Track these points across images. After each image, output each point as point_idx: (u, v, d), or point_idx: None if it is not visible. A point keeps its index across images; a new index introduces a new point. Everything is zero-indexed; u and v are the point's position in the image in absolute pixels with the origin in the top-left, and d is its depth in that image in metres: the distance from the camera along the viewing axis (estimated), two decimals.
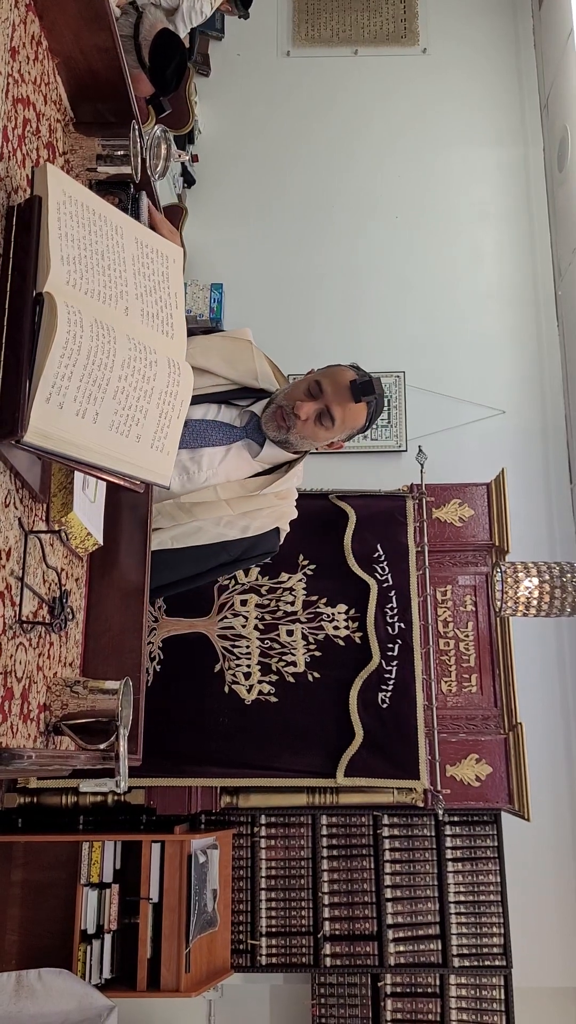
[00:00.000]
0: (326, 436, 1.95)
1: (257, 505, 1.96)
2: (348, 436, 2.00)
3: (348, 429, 1.96)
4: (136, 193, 1.55)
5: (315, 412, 1.90)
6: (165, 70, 2.82)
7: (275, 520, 2.00)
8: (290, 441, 1.95)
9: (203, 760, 3.10)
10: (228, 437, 1.98)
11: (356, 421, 1.95)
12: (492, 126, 5.24)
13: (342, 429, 1.94)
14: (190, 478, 1.94)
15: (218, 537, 1.94)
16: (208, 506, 1.92)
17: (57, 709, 1.31)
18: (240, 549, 1.99)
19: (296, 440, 1.95)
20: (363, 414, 1.94)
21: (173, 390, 1.26)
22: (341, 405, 1.90)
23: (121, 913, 3.18)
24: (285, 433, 1.93)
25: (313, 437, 1.94)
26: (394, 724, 3.15)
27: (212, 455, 1.95)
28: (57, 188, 1.15)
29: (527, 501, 4.41)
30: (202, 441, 1.96)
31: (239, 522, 1.94)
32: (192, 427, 1.94)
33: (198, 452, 1.95)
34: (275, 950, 3.48)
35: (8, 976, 2.92)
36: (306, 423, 1.90)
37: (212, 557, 1.97)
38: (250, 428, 2.00)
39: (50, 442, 1.09)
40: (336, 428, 1.93)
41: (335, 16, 5.43)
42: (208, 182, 5.14)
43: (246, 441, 1.99)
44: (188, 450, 1.94)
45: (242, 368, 2.02)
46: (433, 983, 3.46)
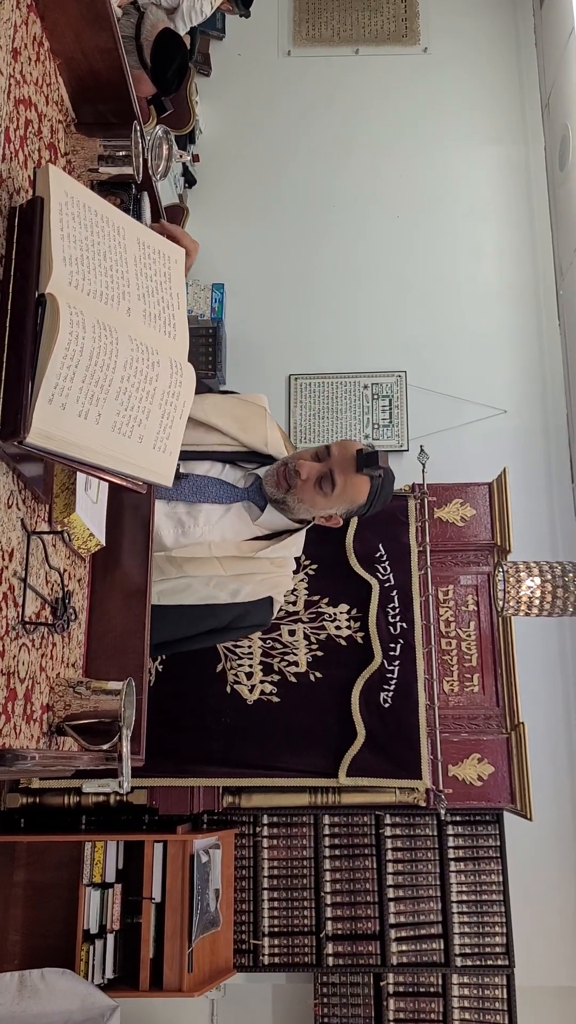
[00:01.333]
0: (324, 504, 1.86)
1: (250, 569, 1.86)
2: (347, 511, 1.91)
3: (347, 501, 1.87)
4: (138, 194, 1.55)
5: (317, 473, 1.84)
6: (167, 70, 2.81)
7: (268, 588, 1.90)
8: (288, 503, 1.88)
9: (205, 760, 3.10)
10: (229, 496, 1.91)
11: (357, 494, 1.86)
12: (493, 125, 5.24)
13: (341, 499, 1.86)
14: (185, 532, 1.86)
15: (207, 598, 1.84)
16: (200, 563, 1.83)
17: (60, 710, 1.31)
18: (229, 616, 1.89)
19: (293, 503, 1.87)
20: (365, 489, 1.86)
21: (175, 391, 1.26)
22: (344, 473, 1.84)
23: (124, 913, 3.19)
24: (283, 493, 1.87)
25: (311, 502, 1.86)
26: (396, 724, 3.15)
27: (210, 512, 1.89)
28: (59, 189, 1.15)
29: (529, 500, 4.40)
30: (202, 496, 1.89)
31: (230, 584, 1.84)
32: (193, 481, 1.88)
33: (196, 507, 1.88)
34: (277, 950, 3.48)
35: (11, 976, 2.93)
36: (306, 484, 1.84)
37: (200, 621, 1.87)
38: (252, 490, 1.93)
39: (52, 443, 1.09)
40: (335, 497, 1.85)
41: (336, 15, 5.43)
42: (209, 182, 5.14)
43: (247, 503, 1.92)
44: (186, 504, 1.87)
45: (253, 432, 1.96)
46: (435, 982, 3.46)
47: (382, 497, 1.91)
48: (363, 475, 1.84)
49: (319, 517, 1.91)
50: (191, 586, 1.83)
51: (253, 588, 1.87)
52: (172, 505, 1.86)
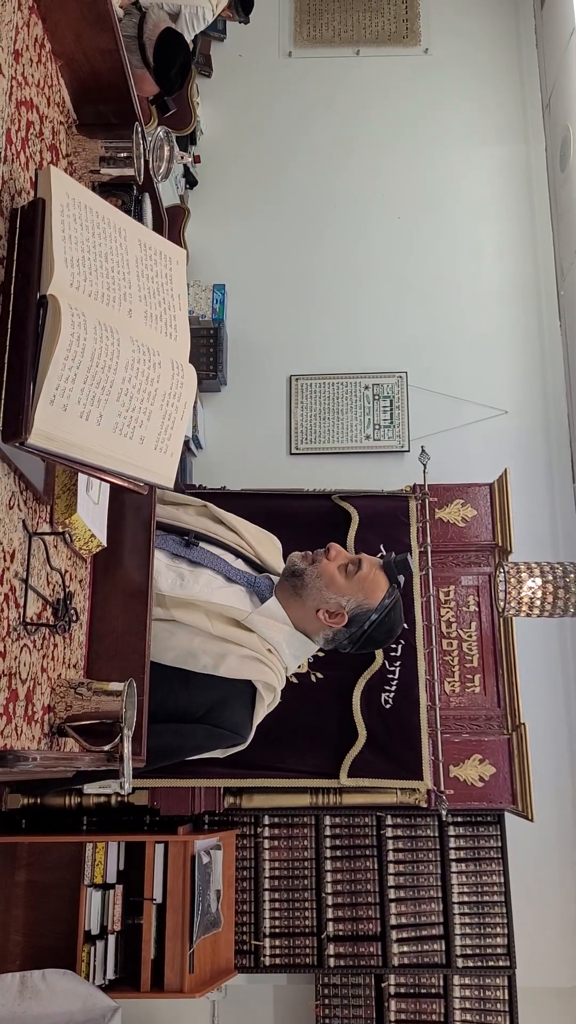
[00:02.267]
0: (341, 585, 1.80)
1: (239, 638, 1.75)
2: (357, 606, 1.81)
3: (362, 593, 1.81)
4: (139, 195, 1.55)
5: (345, 558, 1.83)
6: (169, 70, 2.81)
7: (252, 671, 1.76)
8: (305, 576, 1.81)
9: (206, 760, 3.09)
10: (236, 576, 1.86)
11: (374, 589, 1.81)
12: (494, 126, 5.24)
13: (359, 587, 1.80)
14: (183, 585, 1.78)
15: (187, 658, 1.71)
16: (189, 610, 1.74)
17: (61, 711, 1.31)
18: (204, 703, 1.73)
19: (311, 577, 1.81)
20: (383, 588, 1.82)
21: (177, 392, 1.26)
22: (371, 565, 1.83)
23: (125, 914, 3.18)
24: (307, 564, 1.83)
25: (330, 579, 1.80)
26: (397, 725, 3.15)
27: (213, 578, 1.82)
28: (60, 190, 1.16)
29: (530, 501, 4.40)
30: (210, 564, 1.84)
31: (213, 647, 1.72)
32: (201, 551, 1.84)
33: (200, 569, 1.82)
34: (279, 951, 3.48)
35: (12, 977, 2.93)
36: (331, 563, 1.81)
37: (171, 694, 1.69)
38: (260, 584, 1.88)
39: (54, 444, 1.10)
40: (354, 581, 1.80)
41: (337, 16, 5.43)
42: (210, 183, 5.14)
43: (251, 590, 1.86)
44: (190, 564, 1.82)
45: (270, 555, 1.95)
46: (437, 983, 3.46)
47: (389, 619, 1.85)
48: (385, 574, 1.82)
49: (324, 611, 1.82)
50: (175, 634, 1.72)
51: (237, 663, 1.74)
52: (176, 561, 1.82)
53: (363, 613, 1.82)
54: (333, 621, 1.82)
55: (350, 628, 1.83)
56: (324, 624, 1.83)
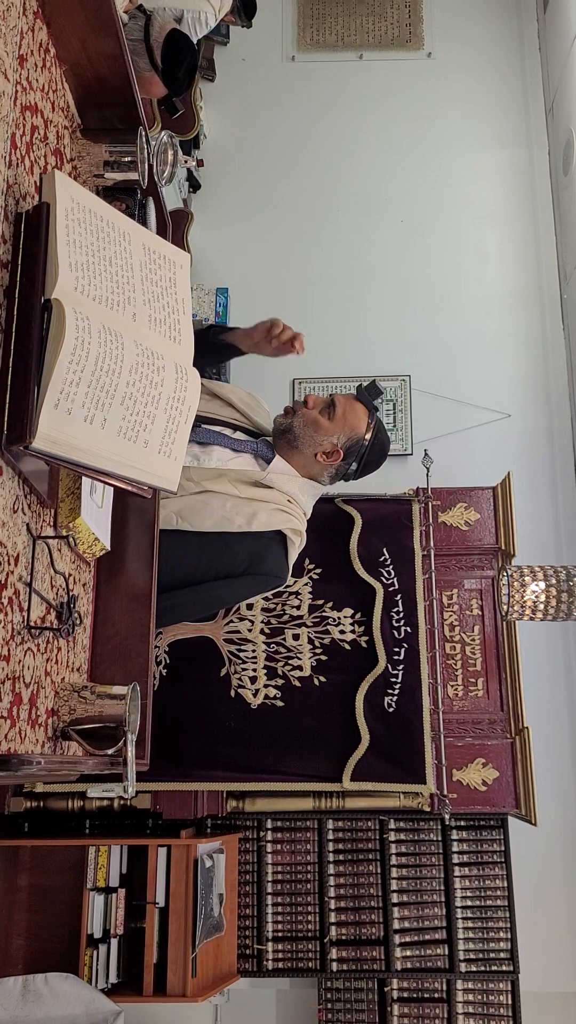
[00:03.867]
0: (327, 426, 2.02)
1: (263, 496, 1.98)
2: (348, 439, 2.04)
3: (348, 428, 2.04)
4: (143, 199, 1.55)
5: (322, 402, 2.05)
6: (177, 70, 2.81)
7: (282, 521, 2.00)
8: (294, 429, 2.03)
9: (209, 764, 3.10)
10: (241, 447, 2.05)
11: (356, 420, 2.04)
12: (497, 130, 5.24)
13: (342, 424, 2.03)
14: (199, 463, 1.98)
15: (223, 522, 1.92)
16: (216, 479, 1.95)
17: (65, 714, 1.31)
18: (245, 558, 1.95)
19: (299, 428, 2.02)
20: (363, 416, 2.05)
21: (181, 395, 1.26)
22: (345, 400, 2.06)
23: (127, 918, 3.18)
24: (290, 418, 2.04)
25: (315, 424, 2.02)
26: (400, 728, 3.14)
27: (222, 453, 2.02)
28: (65, 195, 1.16)
29: (533, 504, 4.40)
30: (216, 442, 2.03)
31: (244, 508, 1.94)
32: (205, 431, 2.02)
33: (209, 447, 2.01)
34: (281, 955, 3.47)
35: (15, 981, 2.93)
36: (311, 409, 2.03)
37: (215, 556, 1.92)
38: (261, 447, 2.07)
39: (58, 448, 1.10)
40: (337, 419, 2.03)
41: (340, 21, 5.44)
42: (213, 187, 5.15)
43: (256, 457, 2.06)
44: (199, 444, 2.00)
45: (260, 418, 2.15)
46: (440, 988, 3.45)
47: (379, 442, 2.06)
48: (361, 403, 2.05)
49: (321, 454, 2.03)
50: (209, 503, 1.92)
51: (267, 517, 1.96)
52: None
53: (355, 443, 2.04)
54: (331, 460, 2.05)
55: (348, 460, 2.06)
56: (325, 464, 2.05)
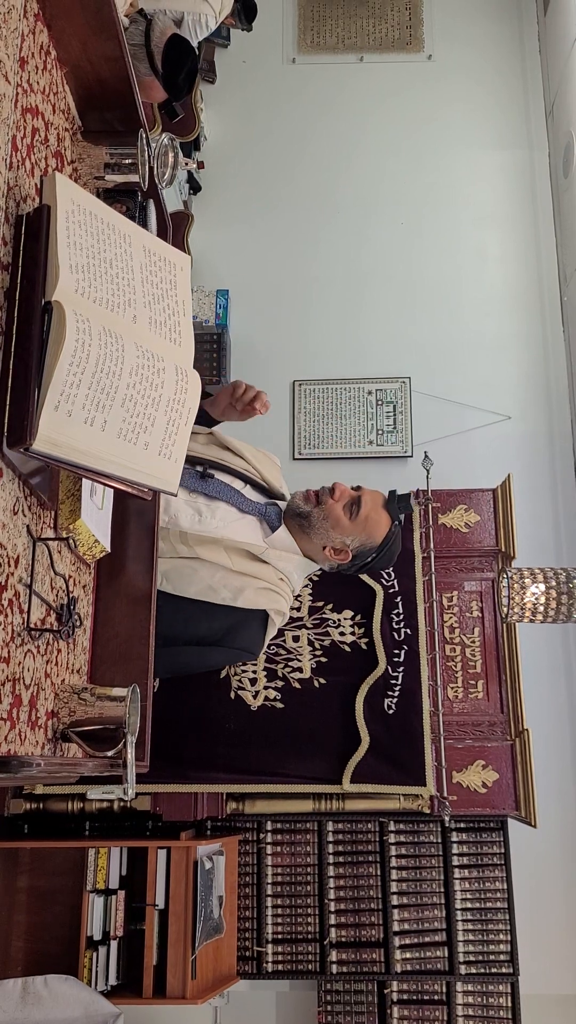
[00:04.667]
0: (346, 526, 1.96)
1: (256, 571, 1.91)
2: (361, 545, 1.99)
3: (365, 534, 1.98)
4: (143, 201, 1.55)
5: (349, 497, 1.97)
6: (178, 75, 2.81)
7: (267, 601, 1.94)
8: (312, 518, 1.97)
9: (209, 766, 3.09)
10: (248, 508, 2.00)
11: (376, 528, 1.99)
12: (497, 132, 5.25)
13: (362, 527, 1.97)
14: (201, 521, 1.92)
15: (208, 592, 1.88)
16: (211, 547, 1.89)
17: (65, 716, 1.31)
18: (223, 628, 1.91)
19: (318, 519, 1.97)
20: (385, 527, 1.99)
21: (181, 397, 1.26)
22: (372, 503, 1.98)
23: (127, 919, 3.18)
24: (312, 507, 1.97)
25: (335, 520, 1.96)
26: (400, 730, 3.14)
27: (227, 511, 1.96)
28: (66, 197, 1.16)
29: (533, 506, 4.40)
30: (224, 497, 1.97)
31: (233, 582, 1.89)
32: (216, 483, 1.97)
33: (215, 503, 1.95)
34: (281, 957, 3.47)
35: (14, 983, 2.92)
36: (336, 503, 1.96)
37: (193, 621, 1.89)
38: (269, 512, 2.02)
39: (58, 450, 1.10)
40: (358, 521, 1.96)
41: (340, 23, 5.45)
42: (214, 189, 5.16)
43: (261, 520, 2.01)
44: (207, 498, 1.95)
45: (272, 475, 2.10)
46: (440, 990, 3.44)
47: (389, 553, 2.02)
48: (387, 512, 1.99)
49: (330, 548, 1.98)
50: (197, 571, 1.88)
51: (254, 594, 1.91)
52: (193, 496, 1.94)
53: (366, 550, 2.00)
54: (338, 558, 2.01)
55: (354, 562, 2.02)
56: (330, 557, 2.01)
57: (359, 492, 1.99)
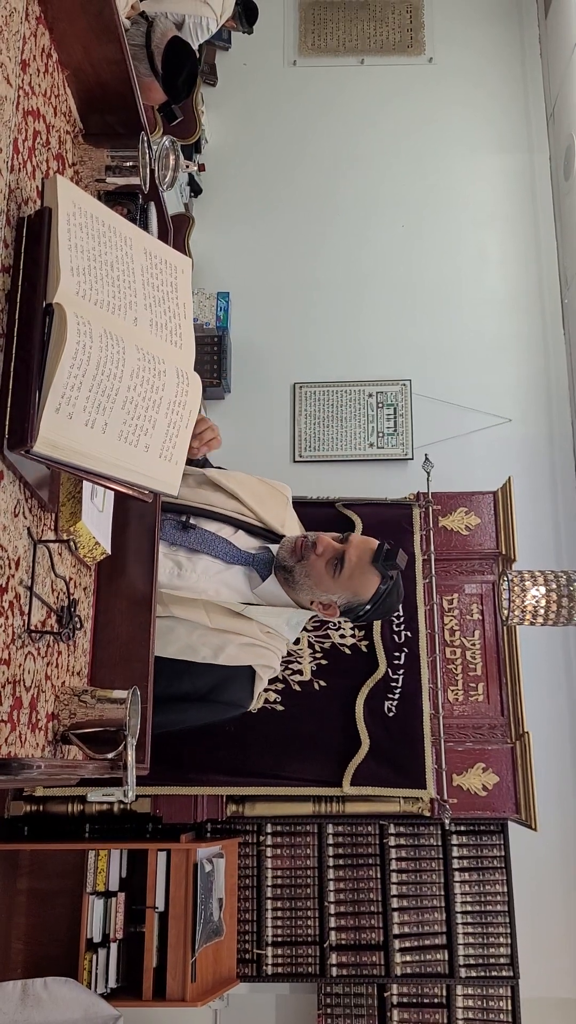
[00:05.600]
0: (329, 585, 1.83)
1: (237, 628, 1.80)
2: (348, 603, 1.86)
3: (351, 592, 1.84)
4: (144, 203, 1.56)
5: (333, 552, 1.82)
6: (177, 77, 2.82)
7: (252, 657, 1.83)
8: (294, 573, 1.83)
9: (209, 768, 3.09)
10: (234, 558, 1.88)
11: (363, 587, 1.84)
12: (498, 135, 5.25)
13: (347, 586, 1.83)
14: (181, 575, 1.80)
15: (187, 651, 1.78)
16: (187, 605, 1.78)
17: (65, 718, 1.31)
18: (207, 685, 1.81)
19: (300, 575, 1.83)
20: (373, 584, 1.83)
21: (182, 400, 1.26)
22: (358, 560, 1.82)
23: (127, 922, 3.17)
24: (295, 562, 1.84)
25: (318, 579, 1.82)
26: (400, 733, 3.14)
27: (210, 564, 1.84)
28: (67, 199, 1.16)
29: (534, 509, 4.40)
30: (207, 549, 1.85)
31: (212, 640, 1.78)
32: (201, 534, 1.85)
33: (198, 556, 1.84)
34: (281, 960, 3.47)
35: (14, 985, 2.92)
36: (319, 559, 1.82)
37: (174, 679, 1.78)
38: (259, 560, 1.89)
39: (59, 452, 1.10)
40: (342, 580, 1.82)
41: (341, 26, 5.46)
42: (215, 191, 5.16)
43: (250, 569, 1.88)
44: (187, 551, 1.83)
45: (271, 512, 1.96)
46: (440, 993, 3.44)
47: (385, 606, 1.88)
48: (375, 570, 1.82)
49: (318, 603, 1.86)
50: (174, 630, 1.77)
51: (236, 651, 1.80)
52: (174, 549, 1.83)
53: (356, 606, 1.86)
54: (327, 612, 1.87)
55: (346, 615, 1.89)
56: (319, 612, 1.88)
57: (344, 547, 1.83)
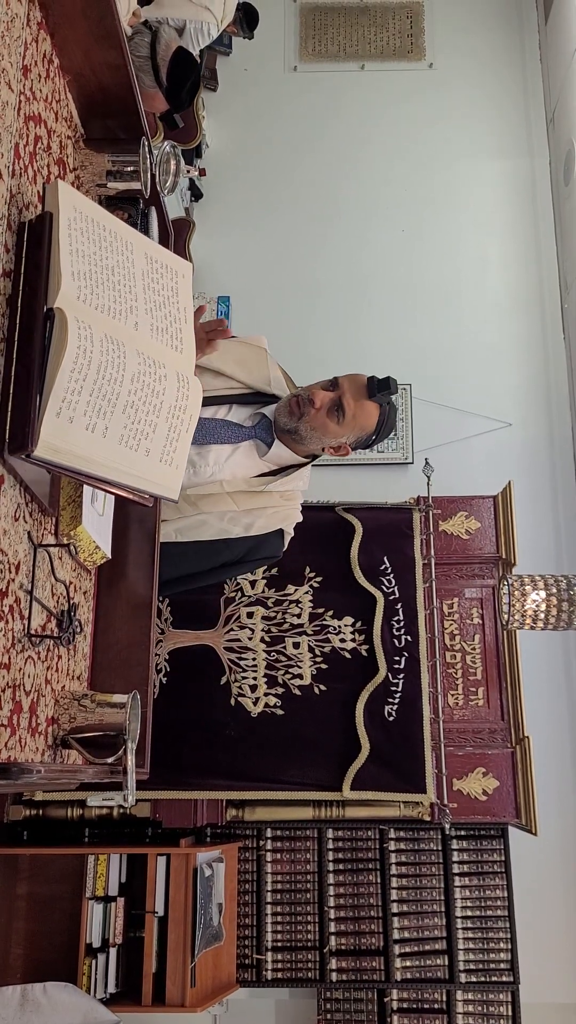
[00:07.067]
0: (336, 431, 1.94)
1: (262, 503, 1.95)
2: (356, 439, 1.98)
3: (358, 429, 1.96)
4: (145, 208, 1.56)
5: (330, 402, 1.93)
6: (181, 89, 2.84)
7: (279, 521, 1.99)
8: (300, 432, 1.95)
9: (209, 772, 3.09)
10: (237, 436, 1.99)
11: (367, 421, 1.95)
12: (498, 140, 5.26)
13: (352, 426, 1.94)
14: (196, 472, 1.93)
15: (222, 533, 1.93)
16: (213, 500, 1.92)
17: (65, 722, 1.31)
18: (243, 549, 1.98)
19: (306, 431, 1.94)
20: (375, 415, 1.95)
21: (182, 404, 1.27)
22: (355, 399, 1.93)
23: (126, 927, 3.17)
24: (296, 421, 1.94)
25: (323, 429, 1.94)
26: (401, 737, 3.14)
27: (219, 451, 1.96)
28: (68, 204, 1.16)
29: (534, 513, 4.40)
30: (211, 438, 1.96)
31: (243, 519, 1.94)
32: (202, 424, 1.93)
33: (206, 448, 1.95)
34: (281, 965, 3.46)
35: (13, 990, 2.91)
36: (319, 412, 1.92)
37: (215, 555, 1.95)
38: (259, 428, 2.01)
39: (60, 456, 1.10)
40: (346, 423, 1.93)
41: (342, 31, 5.47)
42: (215, 196, 5.17)
43: (254, 441, 2.00)
44: (196, 446, 1.93)
45: (256, 373, 2.05)
46: (440, 999, 3.43)
47: (388, 426, 1.99)
48: (373, 402, 1.93)
49: (329, 448, 1.98)
50: (206, 522, 1.92)
51: (265, 521, 1.96)
52: None
53: (364, 437, 1.98)
54: (340, 453, 2.00)
55: (356, 449, 2.02)
56: (331, 454, 2.01)
57: (338, 392, 1.93)
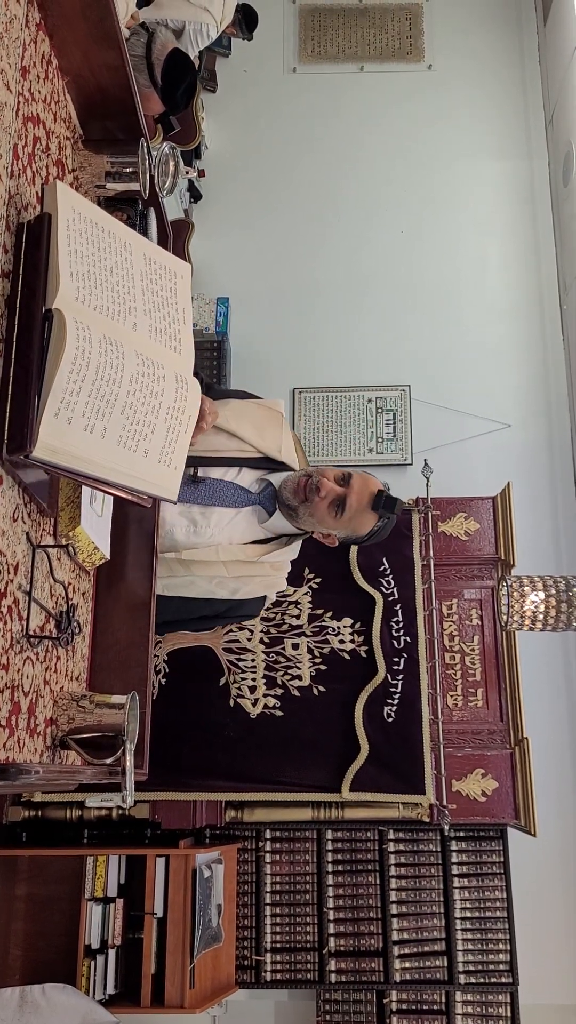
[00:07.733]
0: (331, 524, 1.97)
1: (251, 572, 1.99)
2: (345, 537, 2.03)
3: (350, 529, 2.00)
4: (144, 209, 1.56)
5: (335, 496, 1.94)
6: (177, 89, 2.84)
7: (264, 589, 2.04)
8: (298, 512, 1.98)
9: (208, 774, 3.09)
10: (242, 500, 2.01)
11: (362, 527, 1.99)
12: (497, 141, 5.27)
13: (346, 525, 1.98)
14: (196, 531, 1.97)
15: (207, 593, 1.99)
16: (206, 565, 1.96)
17: (64, 723, 1.31)
18: (224, 608, 2.04)
19: (304, 514, 1.97)
20: (370, 524, 1.99)
21: (181, 405, 1.27)
22: (359, 503, 1.95)
23: (125, 928, 3.17)
24: (298, 503, 1.97)
25: (319, 518, 1.96)
26: (400, 738, 3.14)
27: (222, 514, 1.99)
28: (67, 205, 1.16)
29: (533, 514, 4.40)
30: (216, 500, 1.99)
31: (230, 584, 1.98)
32: (210, 485, 1.98)
33: (210, 509, 1.98)
34: (280, 966, 3.46)
35: (12, 991, 2.91)
36: (322, 502, 1.94)
37: (195, 609, 2.02)
38: (264, 496, 2.03)
39: (58, 457, 1.10)
40: (342, 521, 1.96)
41: (341, 33, 5.47)
42: (214, 197, 5.17)
43: (257, 508, 2.03)
44: (201, 506, 1.98)
45: (269, 439, 2.07)
46: (439, 1000, 3.43)
47: (377, 538, 2.04)
48: (374, 513, 1.96)
49: (319, 532, 2.02)
50: (195, 583, 1.96)
51: (251, 588, 2.01)
52: (187, 506, 1.98)
53: (354, 538, 2.03)
54: (327, 540, 2.05)
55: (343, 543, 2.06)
56: (319, 539, 2.06)
57: (346, 491, 1.95)
